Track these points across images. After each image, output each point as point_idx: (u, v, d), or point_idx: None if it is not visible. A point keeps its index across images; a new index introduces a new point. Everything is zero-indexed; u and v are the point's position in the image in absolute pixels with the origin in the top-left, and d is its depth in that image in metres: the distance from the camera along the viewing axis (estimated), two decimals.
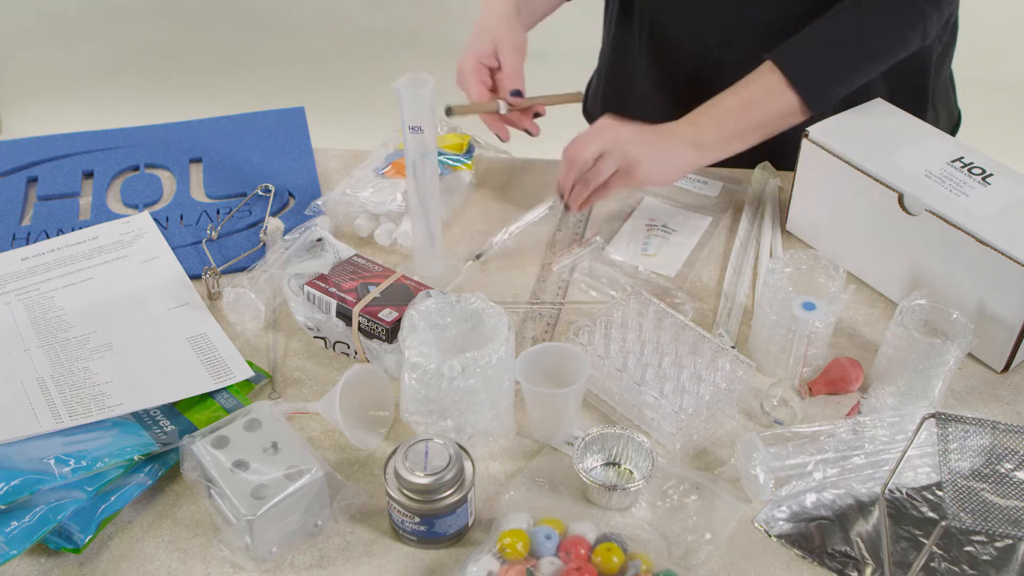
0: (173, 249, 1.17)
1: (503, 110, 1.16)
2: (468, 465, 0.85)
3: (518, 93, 1.16)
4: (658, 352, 0.97)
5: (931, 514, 0.87)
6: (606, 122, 1.11)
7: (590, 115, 1.52)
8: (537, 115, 1.21)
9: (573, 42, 1.48)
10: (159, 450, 0.90)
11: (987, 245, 0.97)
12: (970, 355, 1.03)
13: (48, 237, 1.20)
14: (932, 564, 0.83)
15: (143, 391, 0.97)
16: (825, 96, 1.11)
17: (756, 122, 1.11)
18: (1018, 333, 0.98)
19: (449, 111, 1.13)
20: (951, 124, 1.38)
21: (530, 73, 1.18)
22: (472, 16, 1.23)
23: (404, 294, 1.00)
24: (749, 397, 0.99)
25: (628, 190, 1.17)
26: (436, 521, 0.83)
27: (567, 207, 1.14)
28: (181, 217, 1.23)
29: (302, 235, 1.11)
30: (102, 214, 1.24)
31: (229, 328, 1.06)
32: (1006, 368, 1.02)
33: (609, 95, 1.41)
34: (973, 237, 0.98)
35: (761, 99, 1.11)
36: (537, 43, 1.28)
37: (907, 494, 0.89)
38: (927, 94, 1.28)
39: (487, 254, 1.16)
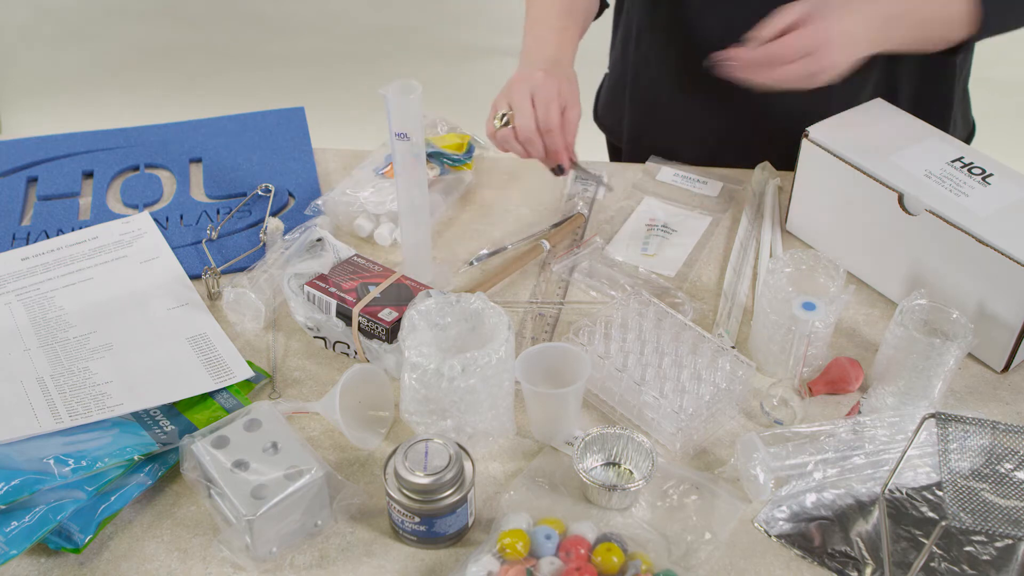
0: (173, 249, 1.17)
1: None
2: (468, 465, 0.85)
3: (560, 169, 1.16)
4: (658, 352, 0.97)
5: (931, 514, 0.87)
6: None
7: (601, 121, 1.51)
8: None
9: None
10: (159, 450, 0.90)
11: (987, 245, 0.97)
12: (970, 355, 1.03)
13: (48, 237, 1.20)
14: (932, 564, 0.84)
15: (143, 391, 0.97)
16: (997, 18, 1.05)
17: (929, 16, 1.04)
18: (1018, 333, 0.98)
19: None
20: (966, 132, 1.38)
21: None
22: (470, 16, 1.23)
23: (404, 294, 1.00)
24: (749, 397, 0.99)
25: (800, 80, 1.01)
26: (436, 521, 0.83)
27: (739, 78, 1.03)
28: (181, 217, 1.23)
29: (302, 235, 1.11)
30: (102, 214, 1.24)
31: (229, 328, 1.06)
32: (1006, 368, 1.02)
33: (636, 93, 1.39)
34: (973, 237, 0.98)
35: None
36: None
37: (907, 494, 0.89)
38: (952, 101, 1.28)
39: (482, 259, 1.16)
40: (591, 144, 1.62)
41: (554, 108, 1.11)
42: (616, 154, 1.52)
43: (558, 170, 1.15)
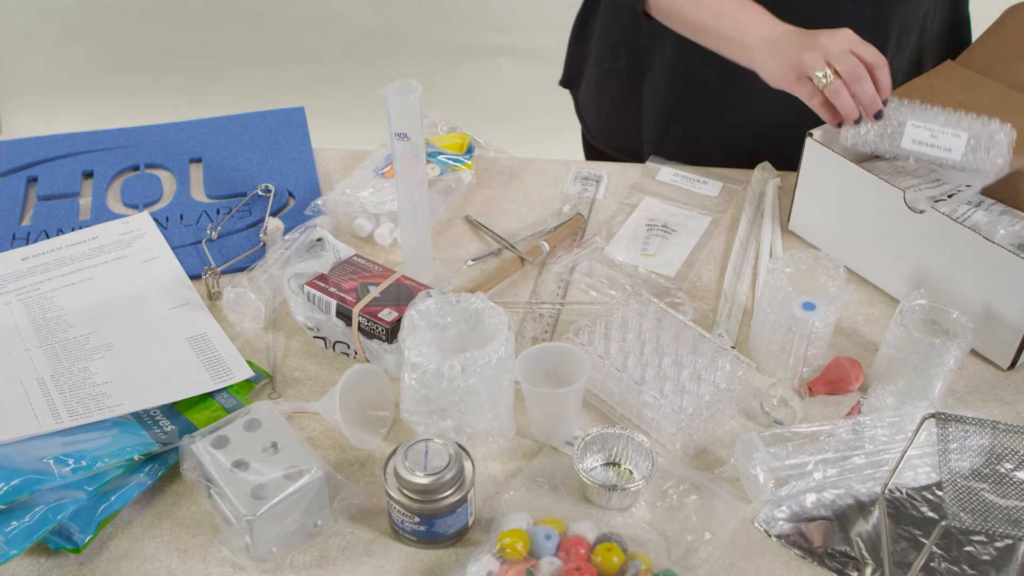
0: (173, 249, 1.17)
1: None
2: (468, 465, 0.85)
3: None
4: (658, 352, 0.97)
5: (931, 514, 0.87)
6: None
7: (606, 142, 1.48)
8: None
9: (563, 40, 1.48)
10: (159, 450, 0.90)
11: (993, 242, 0.97)
12: (975, 353, 1.03)
13: (48, 237, 1.20)
14: (932, 564, 0.83)
15: (143, 391, 0.97)
16: None
17: None
18: None
19: None
20: None
21: (522, 72, 1.17)
22: (470, 16, 1.22)
23: (404, 294, 1.00)
24: (749, 397, 0.99)
25: None
26: (436, 521, 0.83)
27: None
28: (181, 217, 1.23)
29: (302, 235, 1.11)
30: (102, 214, 1.24)
31: (229, 328, 1.06)
32: (1012, 366, 1.01)
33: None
34: (979, 234, 0.98)
35: None
36: (530, 42, 1.27)
37: (907, 494, 0.89)
38: None
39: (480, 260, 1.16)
40: (567, 146, 1.61)
41: (869, 48, 1.04)
42: (594, 156, 1.50)
43: (878, 115, 1.05)
